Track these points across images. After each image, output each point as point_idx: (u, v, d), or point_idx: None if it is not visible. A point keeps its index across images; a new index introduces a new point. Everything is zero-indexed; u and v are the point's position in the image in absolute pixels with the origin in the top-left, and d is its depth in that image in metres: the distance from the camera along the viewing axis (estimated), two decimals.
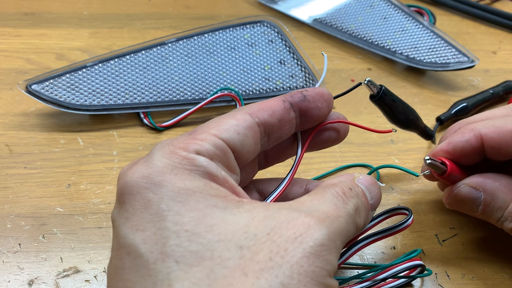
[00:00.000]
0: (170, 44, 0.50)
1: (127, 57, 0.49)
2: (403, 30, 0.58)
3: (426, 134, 0.43)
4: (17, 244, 0.35)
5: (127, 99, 0.46)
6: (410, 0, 0.67)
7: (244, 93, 0.49)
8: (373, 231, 0.30)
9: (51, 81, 0.45)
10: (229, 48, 0.52)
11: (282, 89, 0.50)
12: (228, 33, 0.53)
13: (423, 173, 0.36)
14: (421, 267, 0.33)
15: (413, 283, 0.34)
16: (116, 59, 0.48)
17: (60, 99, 0.44)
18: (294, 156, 0.31)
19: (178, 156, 0.24)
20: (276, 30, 0.54)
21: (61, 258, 0.35)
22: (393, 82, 0.55)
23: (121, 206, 0.24)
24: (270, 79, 0.50)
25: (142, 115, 0.46)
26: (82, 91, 0.45)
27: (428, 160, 0.33)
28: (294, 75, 0.51)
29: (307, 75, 0.52)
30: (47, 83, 0.45)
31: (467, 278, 0.35)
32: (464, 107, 0.49)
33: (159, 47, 0.50)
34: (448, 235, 0.38)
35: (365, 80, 0.35)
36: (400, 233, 0.37)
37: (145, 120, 0.46)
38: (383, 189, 0.41)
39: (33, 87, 0.44)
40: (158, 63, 0.49)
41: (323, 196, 0.26)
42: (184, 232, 0.22)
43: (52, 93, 0.45)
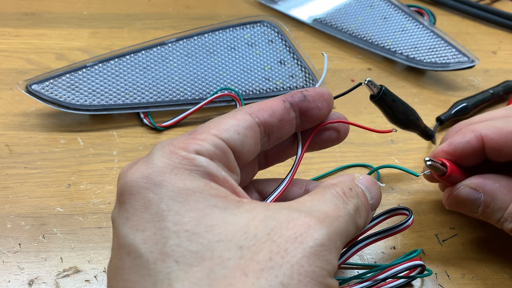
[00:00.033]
0: (170, 44, 0.50)
1: (127, 57, 0.49)
2: (403, 30, 0.58)
3: (426, 134, 0.43)
4: (17, 244, 0.35)
5: (127, 99, 0.46)
6: (410, 0, 0.66)
7: (244, 93, 0.49)
8: (373, 231, 0.30)
9: (51, 81, 0.45)
10: (229, 48, 0.52)
11: (282, 89, 0.50)
12: (228, 33, 0.53)
13: (423, 173, 0.36)
14: (421, 267, 0.33)
15: (413, 283, 0.34)
16: (116, 59, 0.48)
17: (60, 99, 0.44)
18: (294, 156, 0.31)
19: (178, 156, 0.24)
20: (276, 30, 0.54)
21: (61, 258, 0.35)
22: (393, 82, 0.55)
23: (121, 206, 0.24)
24: (270, 79, 0.50)
25: (142, 115, 0.46)
26: (82, 91, 0.45)
27: (428, 161, 0.33)
28: (294, 75, 0.51)
29: (307, 75, 0.52)
30: (47, 83, 0.45)
31: (467, 278, 0.35)
32: (464, 107, 0.49)
33: (159, 47, 0.50)
34: (448, 235, 0.38)
35: (365, 80, 0.35)
36: (400, 233, 0.37)
37: (145, 120, 0.46)
38: (383, 189, 0.41)
39: (33, 87, 0.44)
40: (158, 63, 0.49)
41: (323, 196, 0.26)
42: (184, 232, 0.22)
43: (52, 93, 0.45)
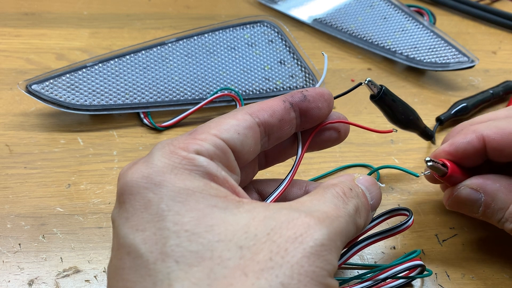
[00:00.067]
0: (170, 44, 0.50)
1: (127, 57, 0.49)
2: (403, 30, 0.58)
3: (426, 135, 0.43)
4: (17, 244, 0.35)
5: (127, 99, 0.46)
6: (410, 0, 0.67)
7: (244, 93, 0.49)
8: (374, 232, 0.30)
9: (51, 81, 0.45)
10: (229, 48, 0.52)
11: (282, 89, 0.50)
12: (228, 33, 0.53)
13: (423, 174, 0.36)
14: (421, 267, 0.33)
15: (413, 283, 0.34)
16: (116, 59, 0.48)
17: (60, 99, 0.44)
18: (294, 156, 0.31)
19: (178, 156, 0.24)
20: (276, 30, 0.54)
21: (61, 258, 0.35)
22: (393, 82, 0.55)
23: (121, 206, 0.24)
24: (270, 79, 0.50)
25: (142, 115, 0.46)
26: (82, 91, 0.45)
27: (429, 162, 0.33)
28: (294, 75, 0.51)
29: (307, 75, 0.52)
30: (47, 83, 0.45)
31: (467, 278, 0.35)
32: (464, 107, 0.49)
33: (159, 47, 0.50)
34: (448, 235, 0.38)
35: (366, 80, 0.35)
36: (400, 233, 0.37)
37: (145, 120, 0.46)
38: (383, 190, 0.41)
39: (33, 87, 0.44)
40: (158, 63, 0.49)
41: (323, 196, 0.26)
42: (184, 232, 0.22)
43: (52, 93, 0.45)
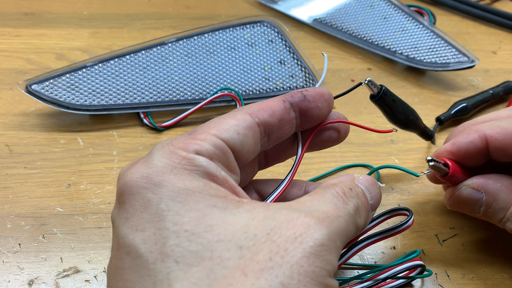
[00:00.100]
0: (170, 44, 0.50)
1: (127, 57, 0.49)
2: (403, 30, 0.58)
3: (426, 135, 0.43)
4: (17, 244, 0.35)
5: (127, 99, 0.46)
6: (410, 0, 0.67)
7: (244, 93, 0.49)
8: (374, 232, 0.30)
9: (51, 81, 0.45)
10: (229, 48, 0.52)
11: (282, 89, 0.50)
12: (228, 33, 0.53)
13: (423, 173, 0.36)
14: (421, 267, 0.33)
15: (413, 283, 0.34)
16: (116, 59, 0.48)
17: (60, 99, 0.44)
18: (294, 156, 0.31)
19: (178, 156, 0.24)
20: (276, 30, 0.54)
21: (61, 258, 0.35)
22: (393, 82, 0.55)
23: (121, 206, 0.24)
24: (270, 79, 0.50)
25: (142, 115, 0.46)
26: (82, 91, 0.45)
27: (431, 162, 0.33)
28: (294, 75, 0.51)
29: (307, 75, 0.52)
30: (47, 83, 0.45)
31: (467, 278, 0.35)
32: (464, 107, 0.49)
33: (159, 47, 0.50)
34: (448, 235, 0.38)
35: (366, 80, 0.35)
36: (400, 233, 0.37)
37: (145, 120, 0.46)
38: (383, 189, 0.41)
39: (33, 87, 0.44)
40: (158, 63, 0.49)
41: (323, 196, 0.26)
42: (184, 232, 0.22)
43: (52, 93, 0.45)
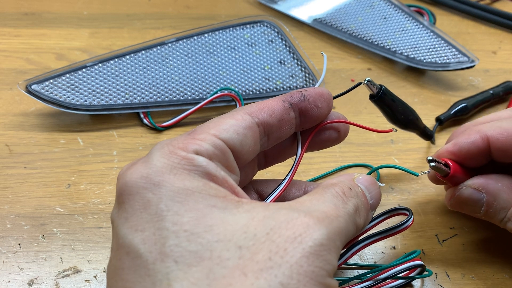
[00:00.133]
0: (170, 44, 0.50)
1: (127, 57, 0.49)
2: (403, 30, 0.58)
3: (426, 135, 0.43)
4: (17, 244, 0.35)
5: (127, 99, 0.46)
6: (410, 0, 0.66)
7: (244, 93, 0.49)
8: (373, 232, 0.30)
9: (51, 81, 0.45)
10: (229, 48, 0.52)
11: (282, 89, 0.50)
12: (228, 33, 0.53)
13: (423, 173, 0.36)
14: (421, 267, 0.33)
15: (413, 283, 0.34)
16: (116, 59, 0.48)
17: (60, 99, 0.44)
18: (294, 156, 0.31)
19: (177, 156, 0.24)
20: (276, 30, 0.54)
21: (61, 258, 0.35)
22: (393, 82, 0.55)
23: (120, 207, 0.24)
24: (270, 79, 0.50)
25: (142, 115, 0.46)
26: (82, 91, 0.45)
27: (432, 162, 0.33)
28: (294, 75, 0.51)
29: (307, 75, 0.52)
30: (47, 83, 0.45)
31: (467, 278, 0.35)
32: (464, 107, 0.49)
33: (159, 47, 0.50)
34: (448, 235, 0.38)
35: (365, 80, 0.35)
36: (400, 233, 0.37)
37: (145, 120, 0.46)
38: (383, 189, 0.41)
39: (33, 87, 0.44)
40: (158, 63, 0.49)
41: (323, 196, 0.26)
42: (183, 232, 0.22)
43: (52, 93, 0.45)
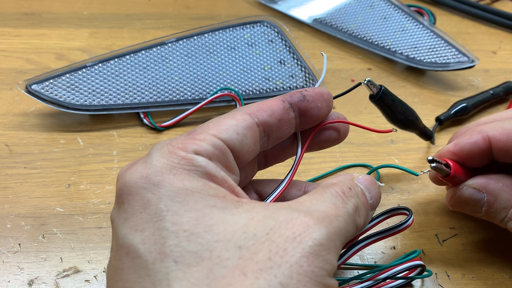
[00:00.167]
0: (170, 44, 0.50)
1: (127, 57, 0.49)
2: (403, 30, 0.58)
3: (425, 135, 0.43)
4: (17, 244, 0.35)
5: (127, 99, 0.46)
6: (410, 0, 0.66)
7: (244, 93, 0.49)
8: (373, 231, 0.30)
9: (51, 81, 0.45)
10: (229, 48, 0.52)
11: (282, 89, 0.50)
12: (228, 33, 0.53)
13: (423, 172, 0.36)
14: (421, 267, 0.33)
15: (413, 283, 0.34)
16: (116, 59, 0.48)
17: (60, 99, 0.44)
18: (294, 156, 0.31)
19: (177, 156, 0.24)
20: (276, 30, 0.54)
21: (61, 258, 0.35)
22: (393, 82, 0.55)
23: (120, 207, 0.24)
24: (270, 79, 0.50)
25: (142, 115, 0.46)
26: (82, 91, 0.45)
27: (432, 163, 0.33)
28: (294, 75, 0.51)
29: (307, 75, 0.52)
30: (47, 83, 0.45)
31: (467, 278, 0.35)
32: (464, 107, 0.49)
33: (159, 47, 0.50)
34: (448, 235, 0.38)
35: (365, 80, 0.35)
36: (400, 233, 0.37)
37: (145, 120, 0.46)
38: (383, 189, 0.41)
39: (33, 87, 0.44)
40: (158, 63, 0.49)
41: (322, 196, 0.26)
42: (183, 232, 0.22)
43: (52, 93, 0.45)
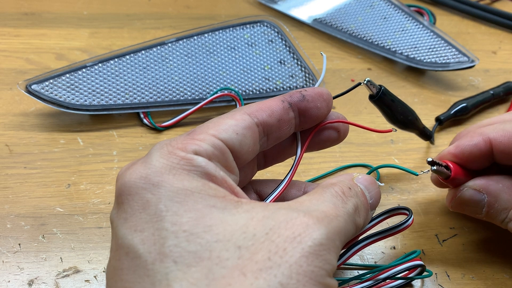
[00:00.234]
0: (170, 44, 0.50)
1: (127, 57, 0.49)
2: (403, 30, 0.58)
3: (425, 135, 0.43)
4: (17, 244, 0.35)
5: (127, 99, 0.46)
6: (410, 0, 0.66)
7: (244, 93, 0.49)
8: (373, 231, 0.30)
9: (51, 81, 0.45)
10: (229, 48, 0.52)
11: (282, 89, 0.50)
12: (228, 33, 0.53)
13: (423, 172, 0.36)
14: (421, 268, 0.33)
15: (413, 283, 0.34)
16: (116, 59, 0.48)
17: (60, 99, 0.44)
18: (294, 156, 0.31)
19: (176, 157, 0.24)
20: (276, 30, 0.54)
21: (61, 258, 0.35)
22: (393, 82, 0.55)
23: (120, 207, 0.24)
24: (270, 79, 0.50)
25: (142, 115, 0.46)
26: (82, 91, 0.45)
27: (433, 166, 0.33)
28: (294, 75, 0.51)
29: (307, 75, 0.52)
30: (47, 83, 0.45)
31: (467, 278, 0.35)
32: (464, 108, 0.49)
33: (159, 47, 0.50)
34: (448, 235, 0.38)
35: (365, 80, 0.35)
36: (400, 233, 0.37)
37: (145, 120, 0.46)
38: (383, 189, 0.41)
39: (33, 87, 0.44)
40: (158, 63, 0.49)
41: (322, 196, 0.26)
42: (183, 233, 0.22)
43: (52, 93, 0.45)
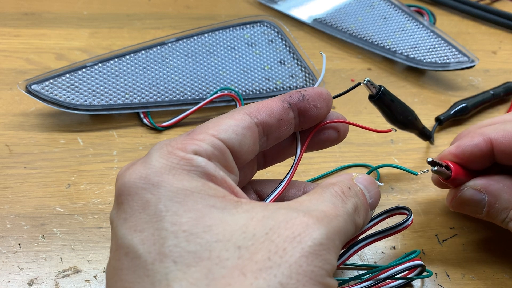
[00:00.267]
0: (170, 44, 0.50)
1: (127, 57, 0.49)
2: (403, 30, 0.58)
3: (424, 135, 0.43)
4: (17, 244, 0.35)
5: (127, 99, 0.46)
6: (410, 0, 0.66)
7: (244, 93, 0.49)
8: (373, 231, 0.30)
9: (51, 81, 0.45)
10: (229, 48, 0.52)
11: (282, 89, 0.50)
12: (228, 33, 0.53)
13: (422, 172, 0.36)
14: (421, 267, 0.33)
15: (413, 283, 0.34)
16: (116, 59, 0.48)
17: (60, 99, 0.44)
18: (294, 156, 0.31)
19: (176, 157, 0.24)
20: (276, 30, 0.54)
21: (61, 258, 0.35)
22: (393, 82, 0.55)
23: (119, 207, 0.24)
24: (270, 79, 0.50)
25: (142, 115, 0.46)
26: (82, 91, 0.45)
27: (433, 167, 0.33)
28: (294, 75, 0.51)
29: (307, 75, 0.52)
30: (47, 83, 0.45)
31: (467, 278, 0.35)
32: (464, 108, 0.49)
33: (159, 47, 0.50)
34: (448, 235, 0.38)
35: (364, 80, 0.35)
36: (400, 233, 0.37)
37: (145, 120, 0.46)
38: (383, 189, 0.41)
39: (33, 87, 0.44)
40: (158, 63, 0.49)
41: (322, 196, 0.26)
42: (182, 233, 0.22)
43: (52, 93, 0.45)
